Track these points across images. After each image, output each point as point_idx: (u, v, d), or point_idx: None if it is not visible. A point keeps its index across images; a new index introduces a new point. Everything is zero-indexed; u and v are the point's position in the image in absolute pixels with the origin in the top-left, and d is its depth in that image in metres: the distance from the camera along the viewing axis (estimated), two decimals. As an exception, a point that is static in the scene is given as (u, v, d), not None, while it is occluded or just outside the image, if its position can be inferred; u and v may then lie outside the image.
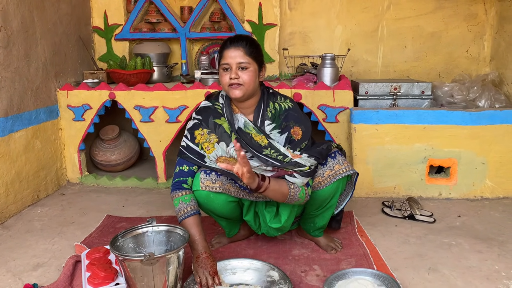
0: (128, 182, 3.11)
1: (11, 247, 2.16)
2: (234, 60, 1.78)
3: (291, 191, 1.77)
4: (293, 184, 1.78)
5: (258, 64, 1.85)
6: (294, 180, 1.78)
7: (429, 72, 3.49)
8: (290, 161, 1.77)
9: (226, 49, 1.81)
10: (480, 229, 2.27)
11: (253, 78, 1.81)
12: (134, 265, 1.50)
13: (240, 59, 1.78)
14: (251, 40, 1.84)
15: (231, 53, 1.79)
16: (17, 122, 2.58)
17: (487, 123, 2.62)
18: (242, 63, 1.78)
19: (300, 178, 1.78)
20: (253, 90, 1.84)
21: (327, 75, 2.88)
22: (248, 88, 1.80)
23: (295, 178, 1.78)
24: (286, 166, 1.77)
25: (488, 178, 2.67)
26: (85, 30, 3.40)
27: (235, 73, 1.78)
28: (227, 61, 1.79)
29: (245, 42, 1.81)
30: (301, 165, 1.77)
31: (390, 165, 2.70)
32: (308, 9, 3.48)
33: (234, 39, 1.82)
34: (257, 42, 1.88)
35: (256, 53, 1.83)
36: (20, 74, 2.61)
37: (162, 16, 3.45)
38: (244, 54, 1.79)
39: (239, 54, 1.78)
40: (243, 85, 1.79)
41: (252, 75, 1.80)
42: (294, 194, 1.78)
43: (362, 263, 1.91)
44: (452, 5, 3.38)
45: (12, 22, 2.51)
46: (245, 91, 1.80)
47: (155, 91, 2.94)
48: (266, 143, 1.81)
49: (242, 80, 1.78)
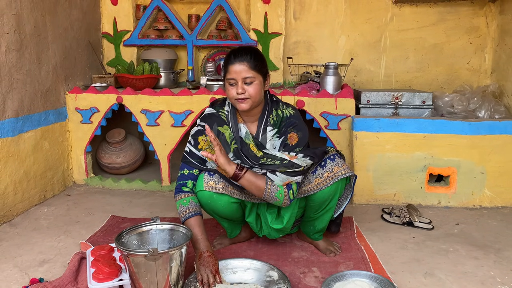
0: (132, 185, 3.17)
1: (18, 244, 2.21)
2: (240, 76, 1.81)
3: (268, 187, 1.79)
4: (271, 182, 1.80)
5: (263, 75, 1.88)
6: (274, 177, 1.80)
7: (431, 83, 3.55)
8: (287, 163, 1.80)
9: (230, 64, 1.83)
10: (478, 236, 2.31)
11: (259, 91, 1.85)
12: (138, 261, 1.55)
13: (245, 74, 1.81)
14: (254, 53, 1.86)
15: (236, 68, 1.81)
16: (27, 123, 2.65)
17: (486, 133, 2.66)
18: (247, 78, 1.81)
19: (280, 177, 1.80)
20: (259, 101, 1.89)
21: (330, 83, 2.94)
22: (255, 100, 1.85)
23: (276, 176, 1.80)
24: (282, 168, 1.80)
25: (487, 188, 2.71)
26: (95, 35, 3.50)
27: (241, 88, 1.82)
28: (233, 76, 1.82)
29: (249, 56, 1.82)
30: (298, 166, 1.81)
31: (390, 172, 2.75)
32: (312, 19, 3.56)
33: (238, 53, 1.83)
34: (260, 53, 1.90)
35: (260, 66, 1.85)
36: (32, 77, 2.69)
37: (170, 24, 3.54)
38: (249, 69, 1.81)
39: (244, 69, 1.81)
40: (249, 99, 1.83)
41: (257, 87, 1.84)
42: (271, 192, 1.80)
43: (360, 266, 1.95)
44: (454, 18, 3.44)
45: (25, 26, 2.60)
46: (252, 103, 1.85)
47: (161, 95, 3.01)
48: (262, 154, 1.87)
49: (248, 94, 1.82)
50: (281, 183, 1.81)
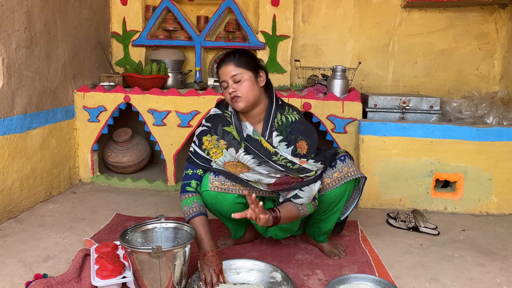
0: (138, 184, 3.17)
1: (23, 240, 2.22)
2: (228, 76, 1.85)
3: (301, 212, 1.84)
4: (301, 206, 1.84)
5: (252, 71, 1.88)
6: (301, 201, 1.83)
7: (439, 89, 3.53)
8: (298, 167, 1.81)
9: (219, 68, 1.89)
10: (484, 243, 2.29)
11: (250, 87, 1.86)
12: (142, 258, 1.55)
13: (232, 72, 1.84)
14: (239, 52, 1.89)
15: (223, 70, 1.87)
16: (35, 120, 2.67)
17: (494, 139, 2.64)
18: (234, 75, 1.84)
19: (305, 196, 1.83)
20: (255, 98, 1.89)
21: (337, 86, 2.93)
22: (248, 97, 1.86)
23: (301, 198, 1.83)
24: (293, 172, 1.81)
25: (494, 195, 2.68)
26: (104, 35, 3.52)
27: (232, 87, 1.85)
28: (223, 78, 1.87)
29: (233, 55, 1.87)
30: (308, 170, 1.82)
31: (396, 177, 2.73)
32: (321, 22, 3.56)
33: (224, 56, 1.90)
34: (247, 52, 1.92)
35: (247, 62, 1.87)
36: (41, 74, 2.71)
37: (179, 25, 3.55)
38: (235, 67, 1.85)
39: (231, 69, 1.85)
40: (241, 97, 1.85)
41: (247, 84, 1.85)
42: (304, 212, 1.86)
43: (364, 270, 1.94)
44: (463, 24, 3.43)
45: (36, 24, 2.62)
46: (246, 101, 1.86)
47: (168, 95, 3.02)
48: (274, 150, 1.86)
49: (240, 92, 1.85)
50: (308, 201, 1.85)
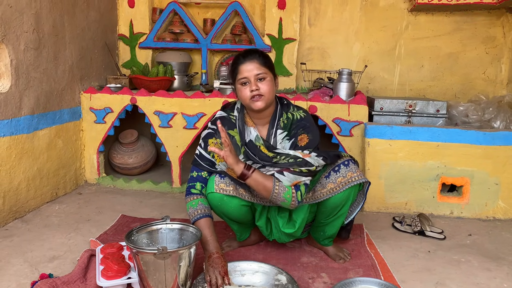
0: (143, 185, 3.18)
1: (29, 240, 2.23)
2: (252, 73, 1.83)
3: (275, 188, 1.76)
4: (279, 182, 1.76)
5: (273, 73, 1.91)
6: (282, 178, 1.77)
7: (445, 92, 3.52)
8: (301, 161, 1.78)
9: (240, 64, 1.85)
10: (491, 248, 2.27)
11: (272, 87, 1.87)
12: (147, 259, 1.55)
13: (257, 70, 1.83)
14: (262, 52, 1.90)
15: (246, 66, 1.84)
16: (42, 121, 2.69)
17: (501, 143, 2.62)
18: (259, 74, 1.83)
19: (287, 177, 1.76)
20: (272, 99, 1.90)
21: (343, 89, 2.93)
22: (269, 97, 1.86)
23: (283, 176, 1.77)
24: (295, 166, 1.78)
25: (501, 199, 2.66)
26: (111, 37, 3.54)
27: (255, 85, 1.83)
28: (245, 75, 1.84)
29: (258, 54, 1.87)
30: (311, 164, 1.79)
31: (402, 181, 2.72)
32: (327, 25, 3.56)
33: (246, 53, 1.87)
34: (267, 53, 1.94)
35: (270, 63, 1.89)
36: (48, 75, 2.73)
37: (186, 27, 3.57)
38: (260, 65, 1.84)
39: (255, 66, 1.83)
40: (264, 95, 1.84)
41: (270, 84, 1.86)
42: (278, 192, 1.76)
43: (370, 274, 1.93)
44: (470, 27, 3.42)
45: (44, 26, 2.64)
46: (267, 100, 1.86)
47: (175, 97, 3.03)
48: (273, 154, 1.86)
49: (262, 90, 1.83)
50: (289, 183, 1.77)
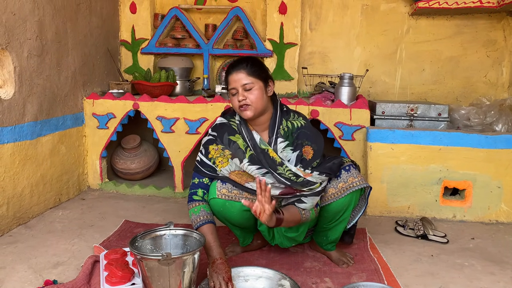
0: (146, 190, 3.19)
1: (33, 246, 2.24)
2: (239, 83, 1.86)
3: (303, 216, 1.87)
4: (304, 210, 1.87)
5: (263, 80, 1.90)
6: (304, 206, 1.87)
7: (447, 96, 3.53)
8: (302, 180, 1.83)
9: (229, 75, 1.89)
10: (494, 252, 2.27)
11: (260, 96, 1.87)
12: (151, 265, 1.56)
13: (243, 81, 1.85)
14: (251, 60, 1.90)
15: (234, 77, 1.87)
16: (45, 127, 2.70)
17: (503, 147, 2.63)
18: (246, 84, 1.85)
19: (309, 202, 1.87)
20: (263, 107, 1.90)
21: (344, 93, 2.94)
22: (257, 106, 1.87)
23: (305, 203, 1.86)
24: (297, 186, 1.83)
25: (503, 203, 2.66)
26: (113, 43, 3.56)
27: (242, 95, 1.86)
28: (233, 86, 1.88)
29: (245, 63, 1.87)
30: (312, 183, 1.83)
31: (404, 184, 2.72)
32: (328, 30, 3.57)
33: (235, 63, 1.89)
34: (258, 60, 1.94)
35: (258, 71, 1.89)
36: (51, 82, 2.75)
37: (187, 33, 3.58)
38: (247, 75, 1.86)
39: (242, 76, 1.85)
40: (251, 105, 1.86)
41: (258, 93, 1.87)
42: (306, 218, 1.89)
43: (373, 278, 1.93)
44: (471, 31, 3.43)
45: (47, 33, 2.66)
46: (255, 110, 1.87)
47: (177, 103, 3.04)
48: (280, 160, 1.88)
49: (249, 100, 1.85)
50: (311, 206, 1.90)
